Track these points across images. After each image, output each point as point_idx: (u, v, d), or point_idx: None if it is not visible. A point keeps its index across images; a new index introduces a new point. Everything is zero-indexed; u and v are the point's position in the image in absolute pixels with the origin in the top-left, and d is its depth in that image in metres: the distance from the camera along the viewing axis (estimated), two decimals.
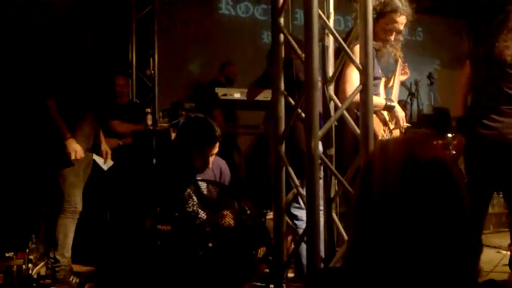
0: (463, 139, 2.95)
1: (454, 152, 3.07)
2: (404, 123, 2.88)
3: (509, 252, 3.34)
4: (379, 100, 2.78)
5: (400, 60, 3.19)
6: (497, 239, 4.22)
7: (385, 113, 2.88)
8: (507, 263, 3.26)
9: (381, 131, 2.78)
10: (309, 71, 2.08)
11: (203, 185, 2.70)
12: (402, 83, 3.38)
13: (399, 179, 0.91)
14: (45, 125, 3.29)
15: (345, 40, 2.30)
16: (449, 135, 4.69)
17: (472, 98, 3.01)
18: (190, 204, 2.54)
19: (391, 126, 2.86)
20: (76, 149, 3.22)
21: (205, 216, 2.55)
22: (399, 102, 3.13)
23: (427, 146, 0.95)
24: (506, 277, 3.09)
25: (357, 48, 2.30)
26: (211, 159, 2.85)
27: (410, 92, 5.66)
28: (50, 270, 3.33)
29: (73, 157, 3.22)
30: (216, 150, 2.85)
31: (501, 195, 3.36)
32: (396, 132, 2.92)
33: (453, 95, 4.26)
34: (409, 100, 5.62)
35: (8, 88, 4.35)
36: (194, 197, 2.61)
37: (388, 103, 2.83)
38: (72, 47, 3.40)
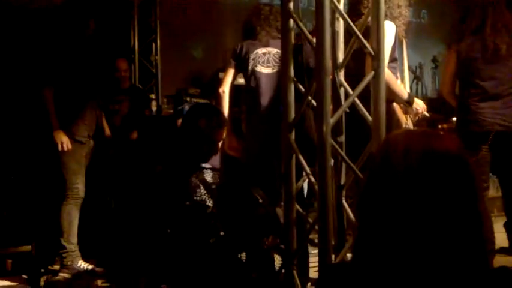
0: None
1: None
2: (424, 113, 2.86)
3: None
4: (403, 90, 2.76)
5: (404, 41, 3.11)
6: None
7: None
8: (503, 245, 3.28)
9: (403, 119, 2.77)
10: (321, 58, 2.04)
11: (208, 173, 2.70)
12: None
13: (415, 169, 0.92)
14: (45, 114, 3.31)
15: (348, 15, 2.25)
16: (455, 119, 4.66)
17: (466, 87, 2.96)
18: (198, 194, 2.53)
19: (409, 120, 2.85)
20: (63, 140, 3.25)
21: (212, 205, 2.54)
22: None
23: (445, 139, 0.97)
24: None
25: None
26: (218, 145, 2.82)
27: (416, 75, 5.62)
28: (58, 256, 3.34)
29: (59, 148, 3.25)
30: (223, 135, 2.84)
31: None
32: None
33: None
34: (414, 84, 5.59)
35: (7, 77, 4.30)
36: (201, 186, 2.60)
37: (409, 98, 2.79)
38: (72, 35, 3.39)
